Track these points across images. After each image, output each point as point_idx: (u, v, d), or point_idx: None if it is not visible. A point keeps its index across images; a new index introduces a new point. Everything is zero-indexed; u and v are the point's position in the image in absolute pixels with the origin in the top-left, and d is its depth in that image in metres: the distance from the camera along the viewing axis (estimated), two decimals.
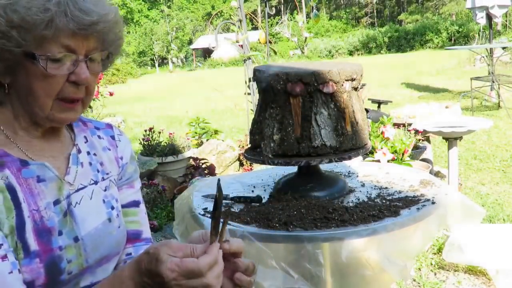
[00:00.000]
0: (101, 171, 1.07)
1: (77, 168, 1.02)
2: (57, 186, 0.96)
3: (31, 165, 0.93)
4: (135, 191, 1.17)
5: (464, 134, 3.14)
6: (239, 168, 4.77)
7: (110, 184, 1.08)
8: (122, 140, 1.16)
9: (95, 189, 1.04)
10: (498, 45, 8.91)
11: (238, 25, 4.30)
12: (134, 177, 1.17)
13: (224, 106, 10.36)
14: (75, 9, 0.86)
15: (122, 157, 1.14)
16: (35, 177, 0.93)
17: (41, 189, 0.93)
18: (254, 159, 1.43)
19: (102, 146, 1.11)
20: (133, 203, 1.15)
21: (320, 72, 1.33)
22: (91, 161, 1.06)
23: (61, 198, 0.96)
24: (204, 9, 44.27)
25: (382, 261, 1.18)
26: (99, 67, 0.96)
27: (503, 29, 21.03)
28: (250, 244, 1.18)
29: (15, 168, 0.91)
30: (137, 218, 1.15)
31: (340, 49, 29.55)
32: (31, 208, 0.91)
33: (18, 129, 0.95)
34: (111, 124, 1.18)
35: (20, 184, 0.91)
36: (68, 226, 0.96)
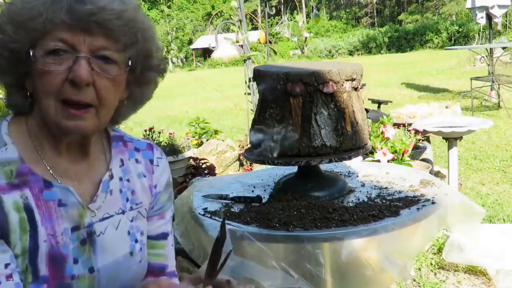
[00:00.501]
0: (131, 200, 0.99)
1: (106, 196, 0.95)
2: (78, 212, 0.90)
3: (54, 188, 0.88)
4: (166, 221, 1.09)
5: (464, 134, 3.14)
6: (239, 168, 4.77)
7: (138, 215, 1.01)
8: (160, 165, 1.06)
9: (121, 219, 0.97)
10: (498, 45, 8.91)
11: (238, 25, 4.30)
12: (166, 207, 1.09)
13: (224, 106, 10.35)
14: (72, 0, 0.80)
15: (157, 185, 1.05)
16: (56, 200, 0.88)
17: (61, 214, 0.88)
18: (254, 159, 1.43)
19: (137, 172, 1.02)
20: (162, 235, 1.08)
21: (320, 72, 1.33)
22: (122, 188, 0.98)
23: (81, 225, 0.90)
24: (204, 9, 44.26)
25: (382, 261, 1.18)
26: (114, 69, 0.86)
27: (503, 29, 21.03)
28: (250, 244, 1.18)
29: (37, 188, 0.86)
30: (164, 252, 1.08)
31: (340, 49, 29.56)
32: (48, 232, 0.86)
33: (44, 142, 0.89)
34: (153, 145, 1.09)
35: (39, 207, 0.86)
36: (85, 255, 0.90)
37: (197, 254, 1.41)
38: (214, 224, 1.28)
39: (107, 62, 0.85)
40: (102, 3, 0.81)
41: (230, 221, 1.29)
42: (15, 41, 0.82)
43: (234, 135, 6.96)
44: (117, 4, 0.83)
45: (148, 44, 0.91)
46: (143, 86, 0.97)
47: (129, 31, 0.85)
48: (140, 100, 1.00)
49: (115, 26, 0.83)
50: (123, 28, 0.84)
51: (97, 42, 0.83)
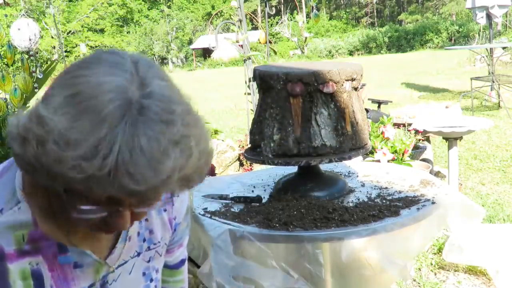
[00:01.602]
0: (148, 240, 0.91)
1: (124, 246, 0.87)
2: (94, 269, 0.84)
3: (70, 252, 0.80)
4: (184, 248, 1.05)
5: (464, 134, 3.14)
6: (239, 168, 4.77)
7: (155, 254, 0.93)
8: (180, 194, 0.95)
9: (136, 262, 0.90)
10: (498, 45, 8.90)
11: (238, 25, 4.29)
12: (185, 234, 1.03)
13: (224, 106, 10.35)
14: (121, 173, 0.59)
15: (176, 216, 0.96)
16: (71, 263, 0.81)
17: (77, 275, 0.82)
18: (254, 159, 1.43)
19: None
20: (181, 262, 1.06)
21: (320, 72, 1.33)
22: (140, 229, 0.89)
23: (96, 280, 0.85)
24: (204, 9, 44.26)
25: (382, 261, 1.18)
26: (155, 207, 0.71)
27: (503, 29, 21.04)
28: (250, 244, 1.18)
29: (51, 253, 0.78)
30: (182, 277, 1.06)
31: (340, 49, 29.55)
32: None
33: None
34: None
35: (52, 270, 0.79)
36: None
37: (197, 254, 1.41)
38: (214, 224, 1.28)
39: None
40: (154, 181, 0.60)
41: (230, 221, 1.29)
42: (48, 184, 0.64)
43: (234, 135, 6.95)
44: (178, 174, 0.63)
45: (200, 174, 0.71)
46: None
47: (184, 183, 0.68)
48: None
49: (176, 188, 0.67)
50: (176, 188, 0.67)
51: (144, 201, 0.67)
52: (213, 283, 1.13)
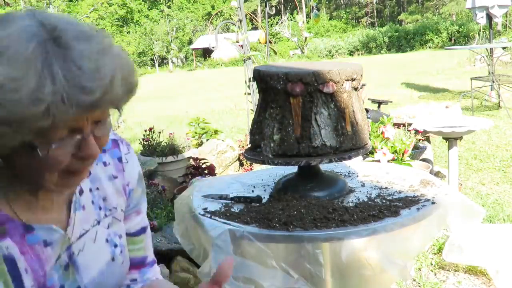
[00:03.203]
0: (104, 208, 0.97)
1: (79, 214, 0.92)
2: (61, 244, 0.87)
3: (36, 230, 0.84)
4: (143, 216, 1.08)
5: (464, 134, 3.14)
6: (239, 168, 4.77)
7: (113, 220, 0.98)
8: (129, 160, 1.02)
9: (98, 230, 0.95)
10: (498, 45, 8.90)
11: (238, 25, 4.30)
12: (141, 201, 1.07)
13: (224, 106, 10.36)
14: (74, 90, 0.67)
15: (129, 182, 1.02)
16: (41, 242, 0.84)
17: (49, 254, 0.85)
18: (254, 159, 1.43)
19: (108, 174, 0.98)
20: (141, 230, 1.08)
21: (320, 72, 1.33)
22: (93, 199, 0.95)
23: (61, 253, 0.88)
24: (204, 9, 44.28)
25: (382, 261, 1.18)
26: (109, 126, 0.82)
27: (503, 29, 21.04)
28: (250, 244, 1.18)
29: (19, 235, 0.82)
30: (143, 244, 1.09)
31: (340, 49, 29.57)
32: (37, 276, 0.83)
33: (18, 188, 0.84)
34: (118, 140, 1.02)
35: (24, 253, 0.82)
36: (70, 278, 0.89)
37: (197, 254, 1.41)
38: (214, 224, 1.28)
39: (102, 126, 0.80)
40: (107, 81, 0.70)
41: (230, 221, 1.29)
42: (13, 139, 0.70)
43: (234, 135, 6.96)
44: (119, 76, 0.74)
45: (134, 81, 0.82)
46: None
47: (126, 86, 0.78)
48: None
49: (119, 95, 0.76)
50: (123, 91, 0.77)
51: (97, 115, 0.77)
52: None
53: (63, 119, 0.69)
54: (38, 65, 0.65)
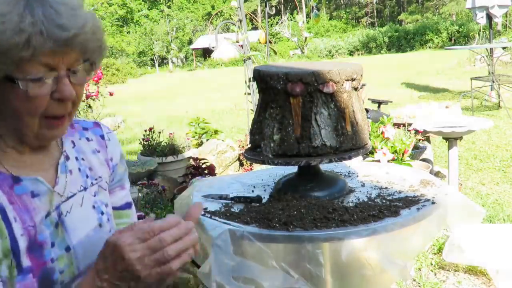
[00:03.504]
0: (90, 176, 1.05)
1: (66, 177, 0.99)
2: (49, 198, 0.94)
3: (24, 181, 0.91)
4: (127, 192, 1.16)
5: (464, 134, 3.14)
6: (239, 168, 4.77)
7: (99, 189, 1.06)
8: (111, 139, 1.13)
9: (84, 196, 1.02)
10: (498, 45, 8.91)
11: (238, 25, 4.30)
12: (125, 178, 1.16)
13: (224, 106, 10.36)
14: (51, 26, 0.80)
15: (112, 158, 1.11)
16: (29, 192, 0.91)
17: (36, 204, 0.92)
18: (254, 159, 1.43)
19: (91, 149, 1.08)
20: (126, 205, 1.16)
21: (320, 72, 1.33)
22: (80, 166, 1.04)
23: (51, 210, 0.94)
24: (204, 9, 44.29)
25: (382, 261, 1.18)
26: (83, 77, 0.92)
27: (503, 29, 21.04)
28: (250, 244, 1.18)
29: (7, 185, 0.89)
30: (130, 220, 1.16)
31: (340, 49, 29.57)
32: (26, 225, 0.89)
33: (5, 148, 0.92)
34: (99, 122, 1.15)
35: (12, 202, 0.88)
36: (59, 236, 0.95)
37: None
38: (214, 224, 1.28)
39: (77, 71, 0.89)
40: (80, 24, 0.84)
41: (230, 221, 1.29)
42: None
43: (234, 135, 6.96)
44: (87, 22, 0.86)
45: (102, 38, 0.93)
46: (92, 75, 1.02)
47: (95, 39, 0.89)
48: None
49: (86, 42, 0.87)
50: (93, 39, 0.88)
51: (72, 58, 0.87)
52: (213, 283, 1.13)
53: (41, 52, 0.81)
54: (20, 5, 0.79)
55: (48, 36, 0.80)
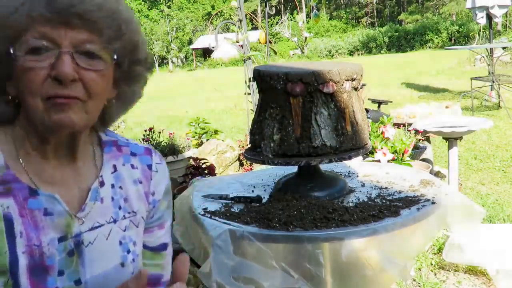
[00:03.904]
0: (123, 208, 0.94)
1: (95, 204, 0.89)
2: (65, 222, 0.85)
3: (40, 196, 0.83)
4: (165, 231, 1.05)
5: (464, 134, 3.14)
6: (239, 168, 4.77)
7: (131, 224, 0.95)
8: (159, 170, 1.01)
9: (113, 229, 0.91)
10: (498, 45, 8.91)
11: (238, 25, 4.29)
12: (166, 216, 1.04)
13: (224, 106, 10.36)
14: None
15: (155, 192, 0.99)
16: (42, 209, 0.83)
17: (47, 223, 0.83)
18: (254, 159, 1.43)
19: (133, 178, 0.96)
20: (162, 246, 1.04)
21: (320, 72, 1.33)
22: (114, 195, 0.93)
23: (68, 235, 0.85)
24: (204, 9, 44.28)
25: (382, 261, 1.18)
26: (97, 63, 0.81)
27: (503, 29, 21.05)
28: (250, 244, 1.18)
29: (22, 197, 0.82)
30: (162, 262, 1.05)
31: (340, 49, 29.57)
32: (30, 243, 0.81)
33: (29, 148, 0.85)
34: (151, 150, 1.02)
35: (23, 216, 0.81)
36: (72, 266, 0.85)
37: (197, 254, 1.41)
38: (214, 224, 1.28)
39: (91, 57, 0.80)
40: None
41: (230, 221, 1.29)
42: None
43: (234, 135, 6.96)
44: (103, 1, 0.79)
45: (134, 36, 0.87)
46: (132, 82, 0.92)
47: (113, 23, 0.81)
48: (130, 99, 0.95)
49: (97, 18, 0.79)
50: (106, 20, 0.80)
51: (80, 36, 0.78)
52: (213, 283, 1.13)
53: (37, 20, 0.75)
54: None
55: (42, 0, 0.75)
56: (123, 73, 0.89)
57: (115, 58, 0.84)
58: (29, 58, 0.77)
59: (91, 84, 0.81)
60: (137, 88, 0.95)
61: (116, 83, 0.89)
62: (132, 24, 0.87)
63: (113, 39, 0.82)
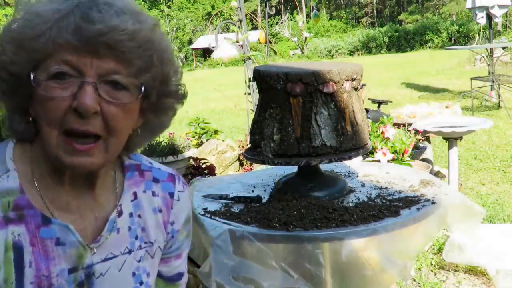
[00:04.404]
0: (140, 238, 0.89)
1: (111, 235, 0.85)
2: (77, 253, 0.81)
3: (53, 225, 0.79)
4: (183, 260, 1.01)
5: (464, 134, 3.14)
6: (239, 168, 4.77)
7: (146, 255, 0.90)
8: (181, 199, 0.96)
9: (127, 259, 0.87)
10: (498, 45, 8.90)
11: (238, 25, 4.29)
12: (184, 245, 1.00)
13: (224, 106, 10.35)
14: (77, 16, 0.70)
15: (174, 222, 0.95)
16: (54, 238, 0.79)
17: (58, 253, 0.79)
18: (254, 159, 1.43)
19: (153, 206, 0.91)
20: (177, 276, 1.01)
21: (320, 72, 1.33)
22: (132, 225, 0.88)
23: (79, 266, 0.81)
24: (204, 9, 44.26)
25: (382, 261, 1.18)
26: (125, 96, 0.76)
27: (503, 29, 21.05)
28: (250, 244, 1.18)
29: (34, 224, 0.78)
30: None
31: (340, 49, 29.56)
32: (39, 274, 0.77)
33: (46, 172, 0.80)
34: (175, 176, 0.97)
35: (33, 245, 0.77)
36: None
37: (197, 254, 1.41)
38: (214, 224, 1.28)
39: (117, 88, 0.75)
40: (113, 22, 0.71)
41: (230, 221, 1.29)
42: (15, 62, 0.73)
43: (234, 135, 6.96)
44: (130, 23, 0.73)
45: (166, 68, 0.81)
46: (159, 113, 0.86)
47: (144, 53, 0.75)
48: (157, 129, 0.90)
49: (127, 48, 0.73)
50: (137, 50, 0.74)
51: (107, 66, 0.73)
52: (213, 283, 1.13)
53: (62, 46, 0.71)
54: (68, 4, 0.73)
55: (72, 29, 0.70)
56: (150, 105, 0.83)
57: (143, 91, 0.78)
58: (50, 85, 0.72)
59: (112, 120, 0.75)
60: (165, 118, 0.89)
61: (143, 113, 0.84)
62: (165, 55, 0.80)
63: (142, 70, 0.77)
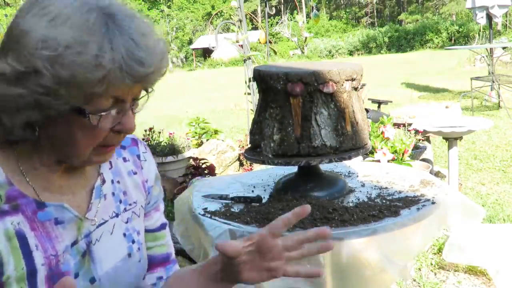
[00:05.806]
0: (124, 201, 0.98)
1: (100, 202, 0.92)
2: (76, 226, 0.87)
3: (48, 207, 0.84)
4: (161, 212, 1.10)
5: (464, 134, 3.14)
6: (239, 168, 4.77)
7: (133, 215, 0.99)
8: (147, 159, 1.05)
9: (116, 223, 0.95)
10: (498, 45, 8.91)
11: (238, 25, 4.30)
12: (159, 199, 1.10)
13: (224, 106, 10.36)
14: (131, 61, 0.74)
15: (148, 179, 1.04)
16: (52, 219, 0.84)
17: (59, 232, 0.85)
18: (254, 159, 1.43)
19: (127, 170, 1.01)
20: (161, 226, 1.09)
21: (320, 72, 1.33)
22: (114, 190, 0.96)
23: (79, 238, 0.88)
24: (204, 9, 44.27)
25: (382, 261, 1.18)
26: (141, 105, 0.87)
27: (503, 29, 21.06)
28: None
29: (30, 211, 0.82)
30: (165, 241, 1.10)
31: (340, 49, 29.56)
32: (48, 254, 0.82)
33: (38, 164, 0.84)
34: (137, 139, 1.06)
35: (34, 229, 0.82)
36: (85, 267, 0.88)
37: (197, 254, 1.42)
38: (214, 224, 1.28)
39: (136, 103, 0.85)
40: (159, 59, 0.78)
41: (230, 221, 1.29)
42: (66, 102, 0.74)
43: (234, 135, 6.96)
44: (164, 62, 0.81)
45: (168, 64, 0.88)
46: None
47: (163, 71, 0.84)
48: None
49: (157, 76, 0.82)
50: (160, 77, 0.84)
51: (137, 90, 0.82)
52: None
53: (115, 88, 0.75)
54: (99, 34, 0.71)
55: (127, 73, 0.74)
56: None
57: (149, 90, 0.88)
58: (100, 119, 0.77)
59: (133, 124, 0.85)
60: None
61: None
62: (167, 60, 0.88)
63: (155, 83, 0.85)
